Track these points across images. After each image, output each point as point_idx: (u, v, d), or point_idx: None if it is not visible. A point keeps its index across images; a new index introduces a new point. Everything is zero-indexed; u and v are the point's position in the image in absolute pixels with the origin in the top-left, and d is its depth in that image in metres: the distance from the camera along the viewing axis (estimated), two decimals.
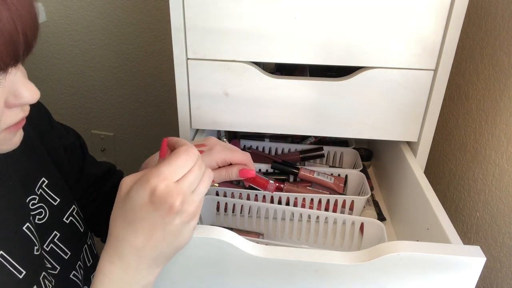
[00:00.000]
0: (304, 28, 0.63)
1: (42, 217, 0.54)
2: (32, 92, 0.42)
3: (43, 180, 0.56)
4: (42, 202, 0.55)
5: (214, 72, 0.68)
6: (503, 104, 0.71)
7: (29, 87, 0.42)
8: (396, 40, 0.63)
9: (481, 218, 0.76)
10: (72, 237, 0.58)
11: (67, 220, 0.58)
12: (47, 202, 0.56)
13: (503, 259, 0.69)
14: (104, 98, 1.45)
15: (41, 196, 0.55)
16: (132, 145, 1.54)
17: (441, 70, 0.64)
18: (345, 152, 0.90)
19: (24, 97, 0.41)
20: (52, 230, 0.55)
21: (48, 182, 0.56)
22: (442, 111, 0.68)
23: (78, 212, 0.61)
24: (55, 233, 0.55)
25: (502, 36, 0.73)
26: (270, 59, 0.66)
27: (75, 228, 0.59)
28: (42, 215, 0.54)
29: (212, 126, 0.74)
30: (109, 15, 1.29)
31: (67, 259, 0.55)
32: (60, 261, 0.54)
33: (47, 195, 0.56)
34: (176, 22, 0.65)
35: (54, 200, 0.57)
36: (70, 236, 0.58)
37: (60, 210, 0.57)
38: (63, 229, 0.57)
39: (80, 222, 0.61)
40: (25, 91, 0.41)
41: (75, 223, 0.60)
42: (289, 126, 0.72)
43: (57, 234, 0.55)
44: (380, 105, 0.68)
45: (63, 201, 0.58)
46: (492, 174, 0.73)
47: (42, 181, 0.56)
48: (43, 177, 0.56)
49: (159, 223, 0.42)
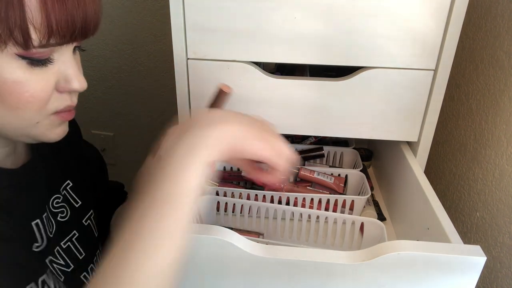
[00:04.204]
0: (304, 28, 0.63)
1: (64, 216, 0.57)
2: (81, 82, 0.46)
3: (68, 182, 0.60)
4: (65, 202, 0.58)
5: (214, 72, 0.68)
6: (503, 104, 0.71)
7: (79, 77, 0.46)
8: (396, 40, 0.63)
9: (481, 218, 0.76)
10: (88, 240, 0.61)
11: (86, 223, 0.62)
12: (70, 203, 0.59)
13: (503, 259, 0.69)
14: (104, 98, 1.45)
15: (64, 196, 0.58)
16: (132, 145, 1.54)
17: (441, 70, 0.64)
18: (345, 152, 0.90)
19: (73, 83, 0.45)
20: (72, 229, 0.58)
21: (72, 185, 0.60)
22: (442, 111, 0.68)
23: (95, 217, 0.65)
24: (75, 232, 0.58)
25: (502, 36, 0.73)
26: (270, 59, 0.66)
27: (91, 232, 0.63)
28: (64, 214, 0.58)
29: None
30: (109, 15, 1.29)
31: (81, 259, 0.58)
32: (75, 260, 0.57)
33: (70, 197, 0.60)
34: (176, 22, 0.65)
35: (76, 202, 0.60)
36: (86, 238, 0.60)
37: (81, 212, 0.61)
38: (81, 230, 0.60)
39: (95, 227, 0.65)
40: (75, 79, 0.45)
41: (92, 227, 0.63)
42: (289, 126, 0.72)
43: (76, 234, 0.58)
44: (380, 105, 0.68)
45: (83, 205, 0.61)
46: (492, 174, 0.73)
47: (67, 183, 0.60)
48: (68, 180, 0.60)
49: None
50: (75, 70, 0.45)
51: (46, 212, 0.53)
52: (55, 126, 0.47)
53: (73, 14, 0.40)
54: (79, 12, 0.40)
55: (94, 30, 0.44)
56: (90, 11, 0.42)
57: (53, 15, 0.38)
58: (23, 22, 0.37)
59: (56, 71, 0.43)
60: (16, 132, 0.45)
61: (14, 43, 0.38)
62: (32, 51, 0.39)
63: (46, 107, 0.44)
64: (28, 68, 0.41)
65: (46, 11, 0.38)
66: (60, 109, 0.46)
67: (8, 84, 0.40)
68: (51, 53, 0.42)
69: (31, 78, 0.41)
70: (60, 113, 0.47)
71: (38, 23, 0.38)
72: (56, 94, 0.45)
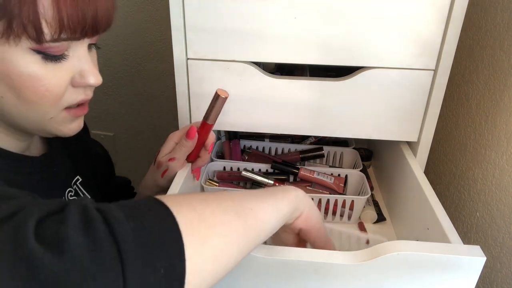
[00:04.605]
0: (304, 28, 0.63)
1: None
2: (96, 76, 0.47)
3: (78, 178, 0.61)
4: (76, 196, 0.60)
5: (214, 72, 0.68)
6: (503, 104, 0.71)
7: (94, 72, 0.47)
8: (396, 40, 0.63)
9: (481, 218, 0.76)
10: None
11: None
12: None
13: (503, 259, 0.69)
14: (104, 98, 1.45)
15: (75, 191, 0.60)
16: (132, 145, 1.54)
17: (441, 70, 0.64)
18: (345, 152, 0.90)
19: (89, 78, 0.46)
20: None
21: (82, 180, 0.62)
22: (442, 111, 0.68)
23: None
24: None
25: (502, 36, 0.73)
26: (270, 59, 0.66)
27: None
28: None
29: None
30: None
31: None
32: None
33: (80, 192, 0.61)
34: (176, 22, 0.65)
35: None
36: None
37: None
38: None
39: None
40: (90, 73, 0.46)
41: None
42: (289, 126, 0.72)
43: None
44: (380, 105, 0.68)
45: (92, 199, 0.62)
46: (492, 174, 0.73)
47: (77, 179, 0.61)
48: (78, 175, 0.62)
49: None
50: (90, 66, 0.46)
51: None
52: (68, 121, 0.49)
53: (84, 10, 0.41)
54: (90, 8, 0.42)
55: (105, 26, 0.46)
56: (101, 7, 0.43)
57: (64, 10, 0.40)
58: (35, 16, 0.39)
59: (71, 66, 0.45)
60: (32, 125, 0.47)
61: (27, 37, 0.39)
62: (45, 45, 0.41)
63: (60, 102, 0.46)
64: (43, 63, 0.42)
65: (57, 6, 0.39)
66: (75, 103, 0.48)
67: (23, 77, 0.41)
68: (66, 49, 0.43)
69: (46, 72, 0.42)
70: (72, 109, 0.48)
71: (50, 17, 0.39)
72: (71, 89, 0.46)
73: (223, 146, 0.89)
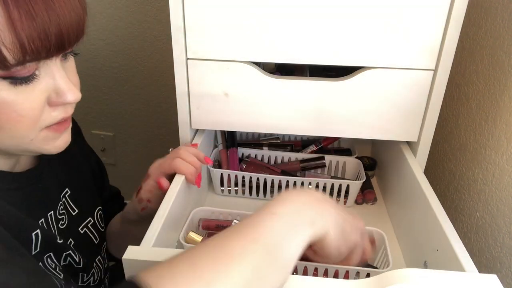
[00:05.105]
0: (304, 28, 0.63)
1: (63, 223, 0.58)
2: (73, 93, 0.43)
3: (67, 190, 0.60)
4: (65, 210, 0.58)
5: (214, 72, 0.68)
6: (503, 104, 0.71)
7: (70, 88, 0.43)
8: (396, 40, 0.63)
9: (481, 218, 0.76)
10: (85, 247, 0.61)
11: (82, 231, 0.62)
12: (68, 211, 0.59)
13: (503, 259, 0.69)
14: (104, 98, 1.45)
15: (64, 204, 0.59)
16: (132, 145, 1.54)
17: (441, 70, 0.64)
18: (348, 162, 0.84)
19: (66, 96, 0.43)
20: (68, 237, 0.58)
21: (70, 193, 0.60)
22: (442, 111, 0.68)
23: (95, 224, 0.65)
24: (70, 240, 0.58)
25: (502, 36, 0.73)
26: (270, 59, 0.66)
27: (88, 239, 0.63)
28: (64, 221, 0.58)
29: (211, 126, 0.74)
30: (109, 15, 1.29)
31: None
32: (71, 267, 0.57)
33: (68, 205, 0.60)
34: (176, 22, 0.65)
35: (73, 211, 0.61)
36: (83, 246, 0.61)
37: (77, 220, 0.61)
38: (77, 238, 0.60)
39: (96, 234, 0.65)
40: (66, 91, 0.43)
41: (89, 234, 0.63)
42: (289, 126, 0.72)
43: (72, 242, 0.58)
44: (380, 105, 0.68)
45: (80, 213, 0.62)
46: (492, 174, 0.73)
47: (66, 191, 0.60)
48: (67, 188, 0.60)
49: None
50: (65, 82, 0.43)
51: (48, 218, 0.54)
52: (51, 139, 0.46)
53: (45, 29, 0.37)
54: (52, 25, 0.38)
55: (74, 40, 0.42)
56: (64, 23, 0.39)
57: (22, 33, 0.36)
58: None
59: (44, 86, 0.42)
60: (15, 148, 0.45)
61: None
62: (11, 71, 0.38)
63: (38, 124, 0.43)
64: (12, 87, 0.39)
65: (14, 30, 0.36)
66: (55, 122, 0.45)
67: None
68: (35, 69, 0.40)
69: (17, 97, 0.39)
70: (52, 126, 0.45)
71: (8, 43, 0.36)
72: (48, 109, 0.43)
73: (220, 155, 0.84)
